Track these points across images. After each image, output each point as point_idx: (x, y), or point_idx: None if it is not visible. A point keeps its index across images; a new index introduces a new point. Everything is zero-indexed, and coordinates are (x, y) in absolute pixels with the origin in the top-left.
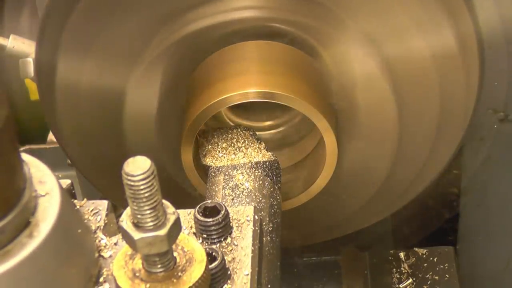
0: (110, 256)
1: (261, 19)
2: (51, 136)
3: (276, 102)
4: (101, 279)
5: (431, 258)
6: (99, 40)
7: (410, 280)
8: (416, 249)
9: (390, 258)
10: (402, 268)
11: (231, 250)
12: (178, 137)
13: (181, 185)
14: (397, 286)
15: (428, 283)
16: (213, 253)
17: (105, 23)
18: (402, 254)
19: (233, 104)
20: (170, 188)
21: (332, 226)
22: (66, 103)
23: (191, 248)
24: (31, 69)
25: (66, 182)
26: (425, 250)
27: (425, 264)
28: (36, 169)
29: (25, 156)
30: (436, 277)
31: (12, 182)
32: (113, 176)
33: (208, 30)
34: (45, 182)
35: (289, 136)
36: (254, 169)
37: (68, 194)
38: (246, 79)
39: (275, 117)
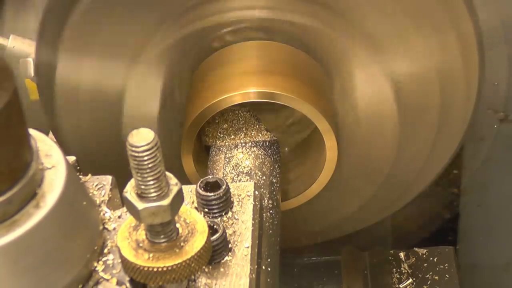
0: (114, 229)
1: (261, 19)
2: (51, 136)
3: (276, 102)
4: (105, 250)
5: (431, 258)
6: (99, 40)
7: (410, 280)
8: (416, 249)
9: (390, 258)
10: (402, 268)
11: (232, 224)
12: (178, 137)
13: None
14: (397, 286)
15: (428, 283)
16: (215, 226)
17: (105, 23)
18: (402, 254)
19: (233, 104)
20: None
21: (332, 226)
22: (66, 103)
23: (193, 220)
24: (31, 69)
25: (71, 159)
26: (425, 250)
27: (425, 264)
28: (43, 143)
29: (31, 131)
30: (436, 277)
31: (19, 154)
32: (113, 175)
33: (208, 30)
34: (51, 156)
35: (289, 136)
36: (254, 148)
37: (74, 169)
38: (246, 79)
39: (275, 117)
